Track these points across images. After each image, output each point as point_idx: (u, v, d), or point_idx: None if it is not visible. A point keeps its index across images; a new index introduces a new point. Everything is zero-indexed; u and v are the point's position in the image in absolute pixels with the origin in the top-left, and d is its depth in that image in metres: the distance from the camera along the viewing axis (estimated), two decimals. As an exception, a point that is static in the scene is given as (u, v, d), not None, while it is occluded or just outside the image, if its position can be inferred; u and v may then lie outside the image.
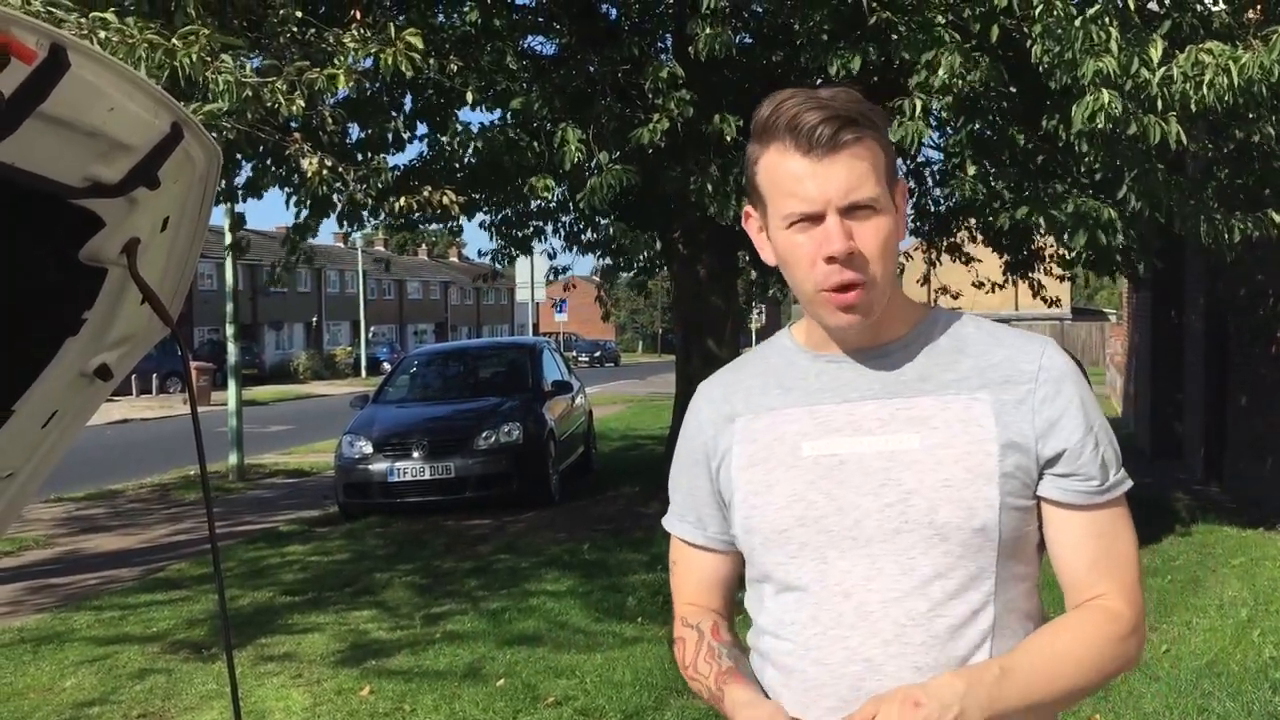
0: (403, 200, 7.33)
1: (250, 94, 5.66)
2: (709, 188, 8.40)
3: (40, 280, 1.41)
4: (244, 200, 9.32)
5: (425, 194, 7.33)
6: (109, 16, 5.28)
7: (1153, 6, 7.50)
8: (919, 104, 7.14)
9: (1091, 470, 1.49)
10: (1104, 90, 6.29)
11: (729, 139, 8.07)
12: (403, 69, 6.19)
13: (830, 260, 1.44)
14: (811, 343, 1.59)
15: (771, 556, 1.54)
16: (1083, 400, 1.51)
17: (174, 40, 5.40)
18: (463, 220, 10.98)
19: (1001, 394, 1.49)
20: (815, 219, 1.45)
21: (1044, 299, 12.40)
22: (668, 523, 1.73)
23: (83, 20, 5.13)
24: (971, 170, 8.00)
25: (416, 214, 8.04)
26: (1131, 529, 1.55)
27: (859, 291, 1.45)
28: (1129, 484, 1.54)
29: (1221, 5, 7.37)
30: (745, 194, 1.61)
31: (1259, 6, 7.27)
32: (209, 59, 5.49)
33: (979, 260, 12.45)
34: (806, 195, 1.45)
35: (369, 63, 6.63)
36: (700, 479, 1.66)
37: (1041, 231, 8.78)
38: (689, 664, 1.64)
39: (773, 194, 1.48)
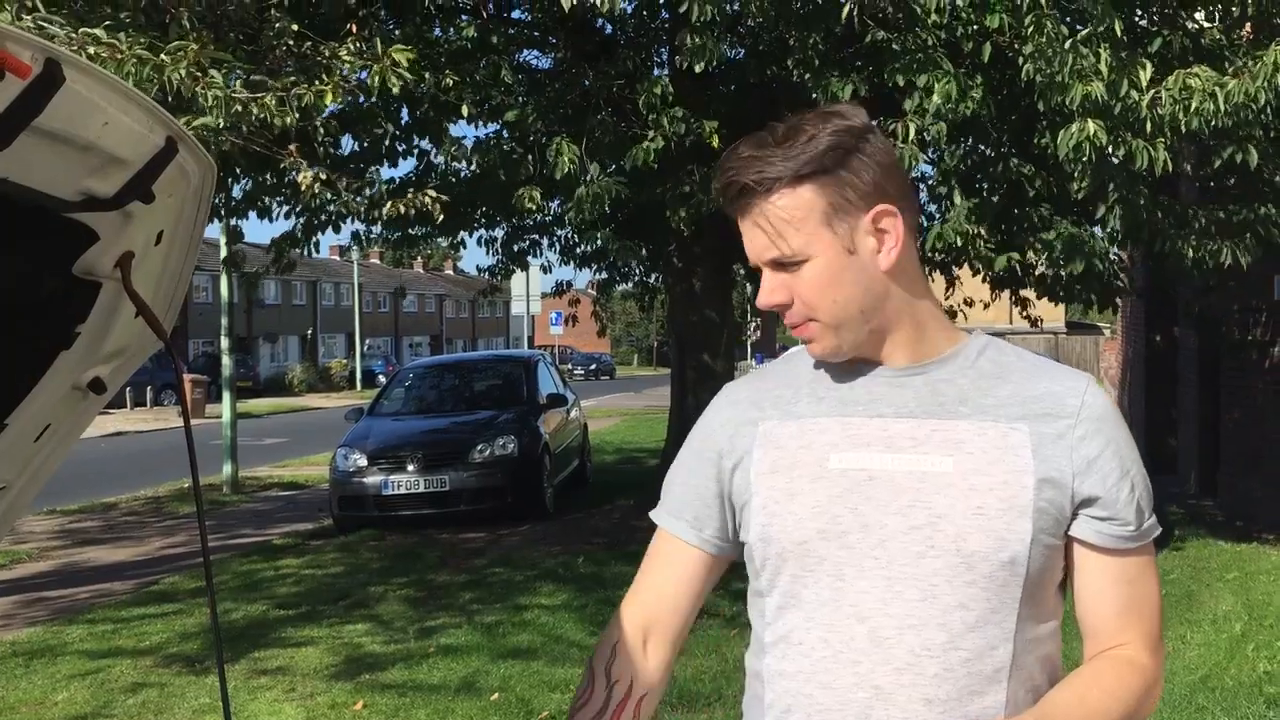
0: (389, 205, 7.35)
1: (240, 109, 5.66)
2: (682, 194, 8.43)
3: (34, 294, 1.41)
4: (245, 217, 9.35)
5: (409, 195, 7.36)
6: (99, 32, 5.28)
7: (1144, 24, 7.56)
8: (912, 128, 7.17)
9: (1128, 515, 1.45)
10: (1090, 121, 6.34)
11: (715, 145, 8.09)
12: (390, 86, 6.20)
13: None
14: None
15: (786, 569, 1.49)
16: (1122, 441, 1.47)
17: (163, 55, 5.40)
18: (461, 234, 11.03)
19: (1041, 427, 1.45)
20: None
21: (1028, 318, 12.38)
22: (658, 517, 1.64)
23: (73, 35, 5.13)
24: (959, 201, 8.02)
25: (404, 218, 8.05)
26: (1157, 575, 1.52)
27: (804, 329, 1.49)
28: (1159, 530, 1.51)
29: (1215, 23, 7.43)
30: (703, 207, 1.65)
31: (1250, 25, 7.32)
32: (199, 74, 5.50)
33: (960, 281, 12.43)
34: (747, 252, 1.50)
35: (363, 75, 6.64)
36: (707, 478, 1.59)
37: (1034, 264, 8.86)
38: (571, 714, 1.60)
39: None
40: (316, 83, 6.13)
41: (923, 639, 1.41)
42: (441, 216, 7.44)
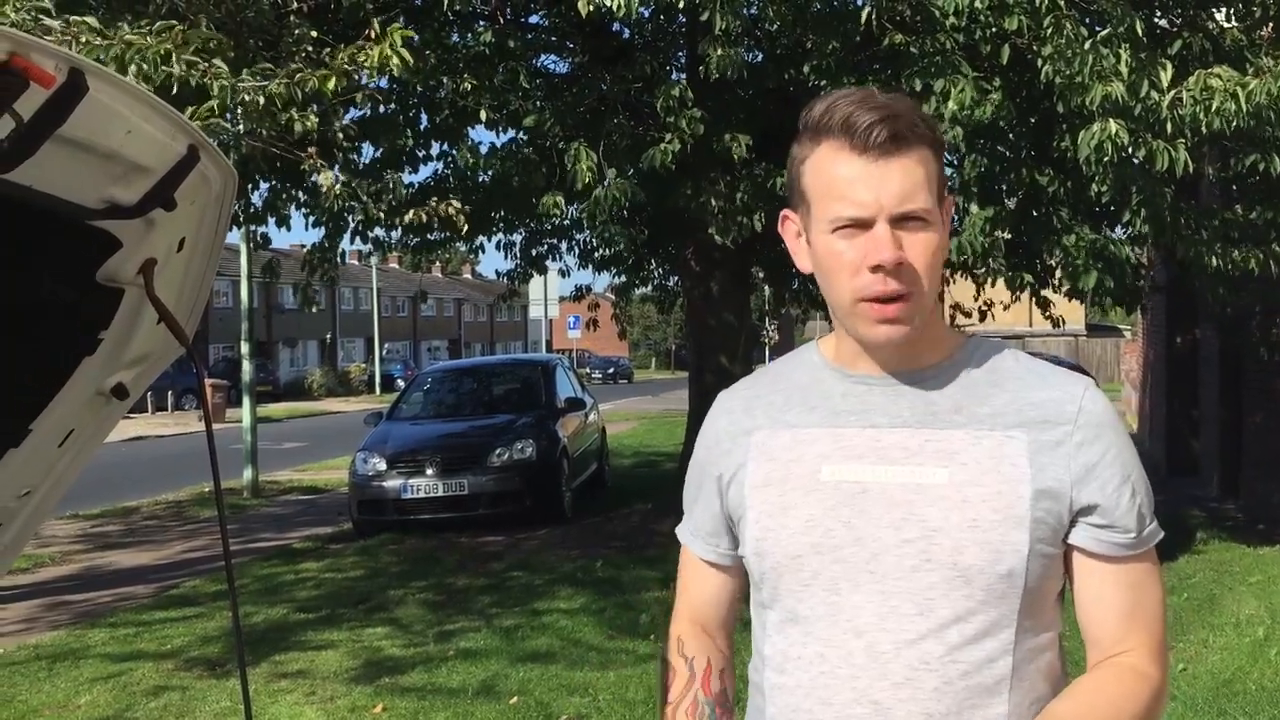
0: (411, 214, 7.38)
1: (247, 98, 5.68)
2: (713, 206, 8.43)
3: (58, 300, 1.42)
4: (265, 224, 9.39)
5: (431, 204, 7.37)
6: (91, 20, 5.31)
7: (1164, 24, 7.52)
8: None
9: (1128, 522, 1.42)
10: (1111, 121, 6.31)
11: (738, 157, 8.09)
12: (391, 67, 6.17)
13: (876, 269, 1.36)
14: (841, 359, 1.51)
15: (782, 583, 1.48)
16: (1121, 447, 1.44)
17: (148, 38, 5.38)
18: (480, 239, 11.05)
19: (1038, 434, 1.41)
20: (863, 225, 1.37)
21: (1051, 318, 12.30)
22: (681, 534, 1.67)
23: (66, 25, 5.16)
24: (976, 210, 8.00)
25: (426, 227, 8.07)
26: (1160, 581, 1.48)
27: (902, 304, 1.38)
28: (1161, 535, 1.47)
29: (1234, 23, 7.39)
30: (785, 197, 1.54)
31: (1271, 25, 7.28)
32: (204, 64, 5.51)
33: (990, 282, 12.36)
34: (858, 199, 1.37)
35: (366, 77, 6.64)
36: (710, 493, 1.59)
37: (1053, 275, 8.87)
38: (671, 703, 1.57)
39: (819, 196, 1.41)
40: (321, 69, 6.12)
41: (920, 653, 1.39)
42: (466, 227, 7.44)
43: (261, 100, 5.77)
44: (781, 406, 1.54)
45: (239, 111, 5.84)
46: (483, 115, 8.31)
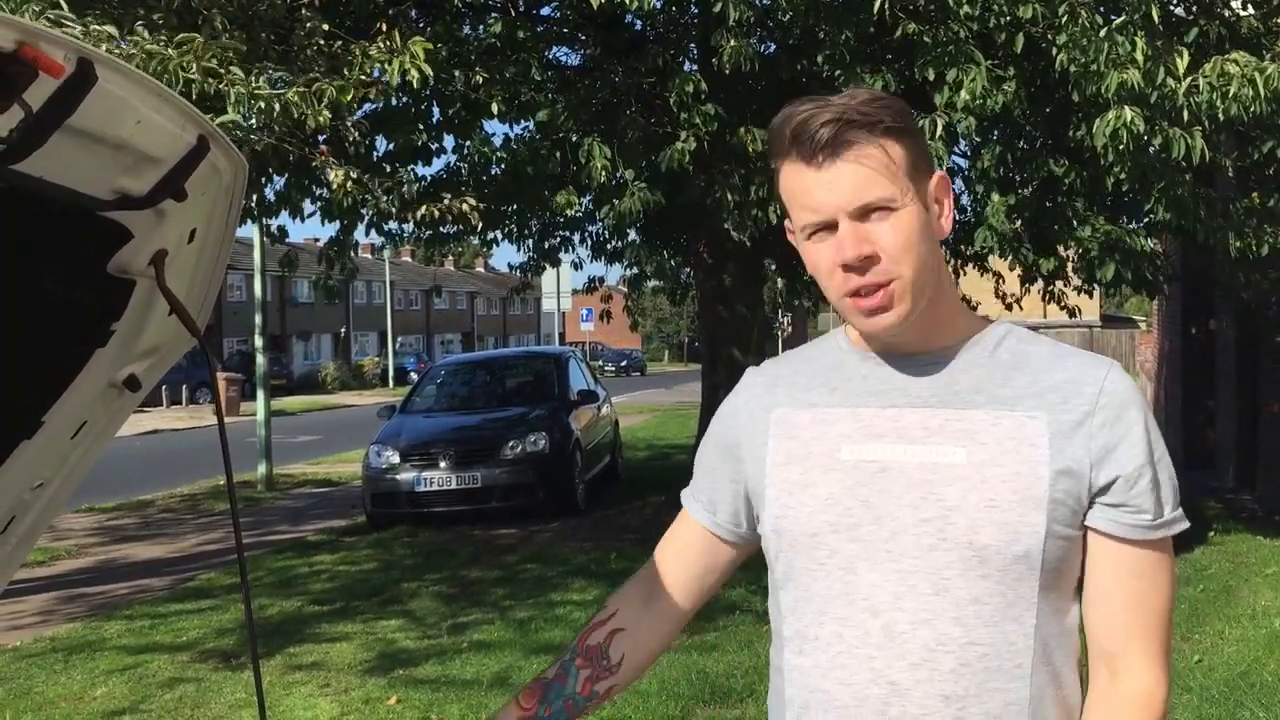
0: (424, 209, 7.38)
1: (263, 105, 5.70)
2: (729, 201, 8.41)
3: (69, 292, 1.42)
4: (277, 216, 9.41)
5: (445, 201, 7.38)
6: (111, 29, 5.33)
7: (1179, 12, 7.47)
8: (940, 124, 7.10)
9: (1144, 503, 1.40)
10: (1126, 108, 6.27)
11: (752, 150, 8.06)
12: (410, 79, 6.20)
13: (847, 267, 1.40)
14: (863, 343, 1.53)
15: (799, 561, 1.48)
16: (1145, 429, 1.42)
17: (169, 50, 5.41)
18: (494, 233, 11.04)
19: (1058, 416, 1.41)
20: (830, 227, 1.41)
21: (1067, 309, 12.23)
22: (685, 494, 1.71)
23: (86, 33, 5.18)
24: (996, 198, 7.95)
25: (439, 222, 8.09)
26: (1172, 576, 1.45)
27: (882, 293, 1.40)
28: (1184, 525, 1.43)
29: (1250, 10, 7.33)
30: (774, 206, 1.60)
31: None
32: (222, 71, 5.54)
33: (997, 271, 12.30)
34: (817, 205, 1.41)
35: (378, 73, 6.64)
36: (723, 464, 1.61)
37: (1072, 266, 8.83)
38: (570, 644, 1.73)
39: (792, 206, 1.45)
40: (338, 78, 6.15)
41: (937, 633, 1.39)
42: (480, 224, 7.44)
43: (277, 109, 5.79)
44: (804, 386, 1.56)
45: (253, 113, 5.86)
46: (494, 108, 8.30)
